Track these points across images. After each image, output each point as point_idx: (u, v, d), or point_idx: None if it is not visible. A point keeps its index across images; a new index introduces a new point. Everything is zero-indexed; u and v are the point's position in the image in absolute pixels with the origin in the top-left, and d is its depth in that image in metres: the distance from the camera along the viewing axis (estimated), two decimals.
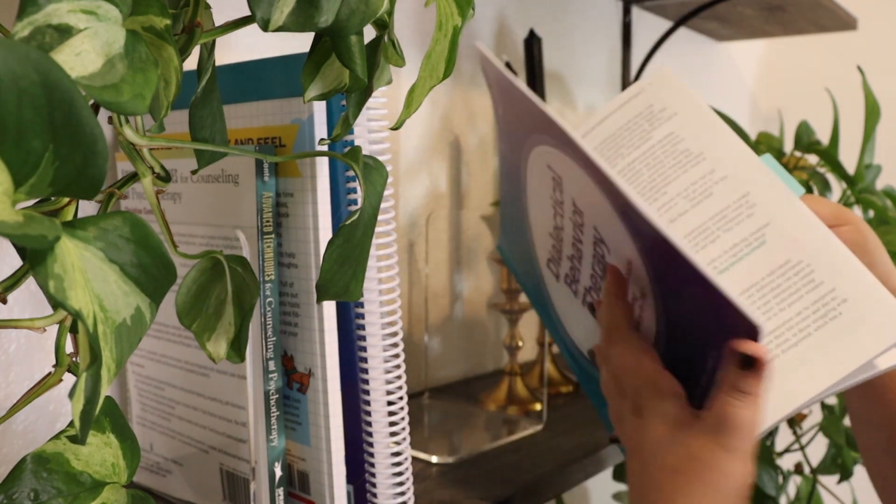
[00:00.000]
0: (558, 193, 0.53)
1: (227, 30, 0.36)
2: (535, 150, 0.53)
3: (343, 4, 0.34)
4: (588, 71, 1.20)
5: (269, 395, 0.49)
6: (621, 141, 0.56)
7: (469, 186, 0.97)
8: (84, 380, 0.26)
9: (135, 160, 0.35)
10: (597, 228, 0.50)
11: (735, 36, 1.52)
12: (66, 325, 0.30)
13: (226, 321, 0.41)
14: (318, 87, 0.40)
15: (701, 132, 0.53)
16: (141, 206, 0.57)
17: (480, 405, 0.83)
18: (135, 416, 0.61)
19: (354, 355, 0.50)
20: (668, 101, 0.55)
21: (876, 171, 1.01)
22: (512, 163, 0.59)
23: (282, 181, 0.48)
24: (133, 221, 0.30)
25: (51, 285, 0.25)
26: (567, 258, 0.57)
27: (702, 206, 0.52)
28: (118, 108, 0.28)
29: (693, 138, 0.53)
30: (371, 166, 0.41)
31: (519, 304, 0.85)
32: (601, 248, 0.51)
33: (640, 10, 1.29)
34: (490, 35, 0.99)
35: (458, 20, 0.39)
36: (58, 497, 0.33)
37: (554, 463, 0.66)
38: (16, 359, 0.58)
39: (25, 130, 0.23)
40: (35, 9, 0.25)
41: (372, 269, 0.49)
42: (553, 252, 0.58)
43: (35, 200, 0.28)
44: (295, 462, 0.51)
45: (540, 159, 0.53)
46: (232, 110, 0.50)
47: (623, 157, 0.55)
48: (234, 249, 0.48)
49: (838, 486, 1.13)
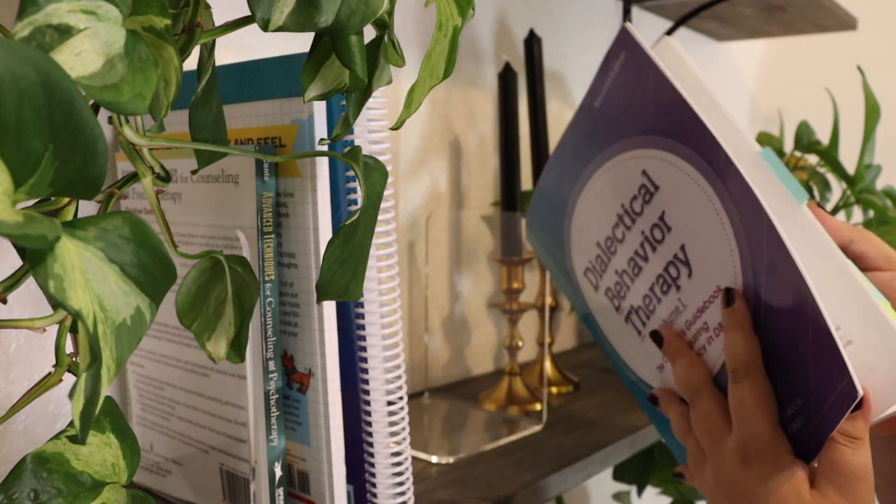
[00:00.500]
0: (638, 203, 0.51)
1: (227, 30, 0.36)
2: (629, 153, 0.50)
3: (343, 4, 0.34)
4: (588, 71, 1.20)
5: (269, 395, 0.49)
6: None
7: (469, 186, 0.97)
8: (84, 380, 0.26)
9: (135, 160, 0.35)
10: (685, 248, 0.48)
11: (735, 36, 1.52)
12: (66, 325, 0.30)
13: (226, 321, 0.41)
14: (318, 87, 0.40)
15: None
16: (141, 206, 0.57)
17: (480, 405, 0.83)
18: (135, 416, 0.61)
19: (354, 355, 0.50)
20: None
21: (876, 171, 1.01)
22: (578, 160, 0.55)
23: (282, 181, 0.48)
24: (133, 221, 0.30)
25: (51, 285, 0.25)
26: (616, 272, 0.54)
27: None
28: (118, 108, 0.28)
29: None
30: (371, 166, 0.41)
31: (519, 303, 0.85)
32: (677, 270, 0.49)
33: (640, 10, 1.29)
34: (490, 35, 0.99)
35: (458, 20, 0.39)
36: (58, 497, 0.33)
37: (554, 463, 0.66)
38: (16, 359, 0.58)
39: (25, 130, 0.23)
40: (35, 9, 0.25)
41: (372, 269, 0.49)
42: (596, 263, 0.56)
43: (35, 200, 0.28)
44: (295, 462, 0.51)
45: (633, 163, 0.50)
46: (232, 110, 0.50)
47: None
48: (234, 249, 0.48)
49: None
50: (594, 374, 0.98)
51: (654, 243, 0.50)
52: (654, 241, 0.50)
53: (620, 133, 0.51)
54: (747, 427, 0.45)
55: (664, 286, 0.51)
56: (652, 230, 0.50)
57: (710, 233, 0.46)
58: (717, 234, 0.46)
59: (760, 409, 0.44)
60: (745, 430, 0.45)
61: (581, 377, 0.95)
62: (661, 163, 0.48)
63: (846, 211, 1.03)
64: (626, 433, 0.74)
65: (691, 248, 0.48)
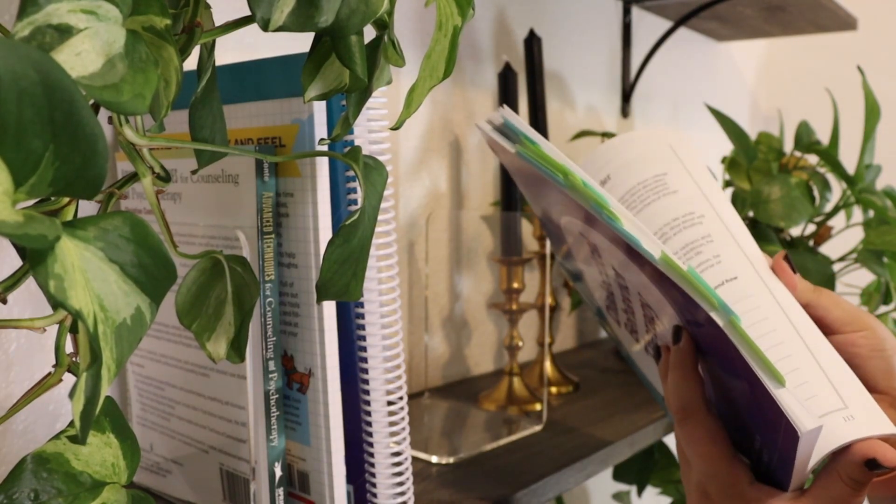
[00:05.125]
0: (598, 258, 0.51)
1: (227, 30, 0.36)
2: (564, 218, 0.51)
3: (343, 4, 0.34)
4: (588, 71, 1.20)
5: (269, 395, 0.49)
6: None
7: (469, 186, 0.97)
8: (84, 380, 0.26)
9: (135, 160, 0.35)
10: (641, 295, 0.49)
11: (735, 36, 1.52)
12: (66, 325, 0.30)
13: (226, 321, 0.41)
14: (318, 87, 0.40)
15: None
16: (141, 206, 0.57)
17: (480, 405, 0.83)
18: (135, 416, 0.61)
19: (354, 355, 0.50)
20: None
21: (876, 171, 1.01)
22: (547, 217, 0.55)
23: (282, 181, 0.48)
24: (133, 221, 0.30)
25: (51, 285, 0.25)
26: (622, 310, 0.55)
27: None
28: (118, 108, 0.28)
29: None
30: (371, 166, 0.41)
31: (519, 303, 0.85)
32: (650, 312, 0.49)
33: (640, 10, 1.29)
34: (490, 35, 0.99)
35: (458, 20, 0.39)
36: (58, 497, 0.33)
37: (554, 463, 0.66)
38: (16, 359, 0.58)
39: (25, 130, 0.23)
40: (35, 9, 0.25)
41: (372, 269, 0.49)
42: (608, 301, 0.57)
43: (35, 200, 0.28)
44: (295, 462, 0.51)
45: (572, 226, 0.51)
46: (232, 110, 0.50)
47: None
48: (234, 249, 0.48)
49: None
50: (594, 374, 0.98)
51: (626, 290, 0.52)
52: (624, 288, 0.52)
53: (547, 205, 0.51)
54: (701, 467, 0.45)
55: (649, 322, 0.51)
56: (618, 279, 0.51)
57: (644, 282, 0.47)
58: (647, 282, 0.46)
59: (708, 448, 0.45)
60: (700, 469, 0.45)
61: (581, 377, 0.95)
62: (583, 227, 0.49)
63: (846, 211, 1.03)
64: (626, 433, 0.74)
65: (645, 296, 0.49)
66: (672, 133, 0.54)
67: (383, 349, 0.50)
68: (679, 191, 0.50)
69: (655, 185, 0.51)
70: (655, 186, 0.51)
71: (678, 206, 0.50)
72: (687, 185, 0.50)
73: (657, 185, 0.51)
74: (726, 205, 0.51)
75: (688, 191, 0.50)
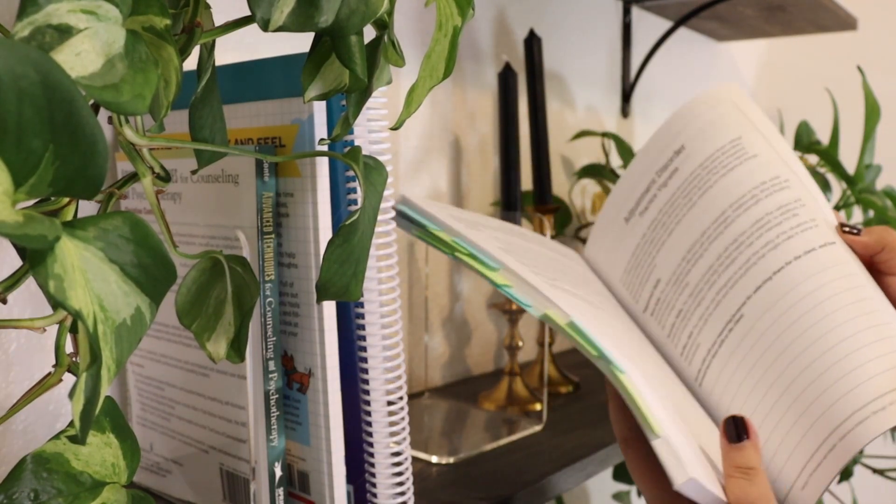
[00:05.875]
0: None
1: (227, 30, 0.36)
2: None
3: (343, 4, 0.34)
4: (588, 71, 1.20)
5: (269, 395, 0.49)
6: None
7: (469, 186, 0.97)
8: (84, 380, 0.26)
9: (135, 160, 0.35)
10: None
11: (735, 36, 1.52)
12: (66, 325, 0.30)
13: (226, 321, 0.41)
14: (318, 87, 0.40)
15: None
16: (141, 206, 0.57)
17: (480, 405, 0.83)
18: (135, 416, 0.61)
19: (354, 355, 0.50)
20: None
21: (876, 171, 1.01)
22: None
23: (282, 181, 0.48)
24: (133, 221, 0.30)
25: (51, 285, 0.25)
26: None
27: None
28: (118, 108, 0.28)
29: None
30: (371, 166, 0.41)
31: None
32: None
33: (640, 10, 1.29)
34: (490, 35, 0.99)
35: (458, 20, 0.39)
36: (58, 497, 0.33)
37: (554, 463, 0.66)
38: (16, 359, 0.58)
39: (25, 130, 0.23)
40: (35, 9, 0.25)
41: (372, 269, 0.49)
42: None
43: (35, 200, 0.28)
44: (295, 462, 0.51)
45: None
46: (232, 110, 0.50)
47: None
48: (234, 249, 0.48)
49: (839, 485, 1.13)
50: (594, 374, 0.98)
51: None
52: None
53: None
54: (646, 494, 0.48)
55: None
56: None
57: None
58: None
59: (648, 476, 0.47)
60: (646, 496, 0.48)
61: (581, 377, 0.95)
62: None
63: (846, 211, 1.03)
64: None
65: None
66: (732, 89, 0.55)
67: (383, 349, 0.50)
68: (759, 154, 0.52)
69: (734, 150, 0.53)
70: (734, 152, 0.52)
71: (762, 170, 0.51)
72: (763, 147, 0.52)
73: (736, 151, 0.52)
74: (800, 165, 0.52)
75: (766, 154, 0.52)
